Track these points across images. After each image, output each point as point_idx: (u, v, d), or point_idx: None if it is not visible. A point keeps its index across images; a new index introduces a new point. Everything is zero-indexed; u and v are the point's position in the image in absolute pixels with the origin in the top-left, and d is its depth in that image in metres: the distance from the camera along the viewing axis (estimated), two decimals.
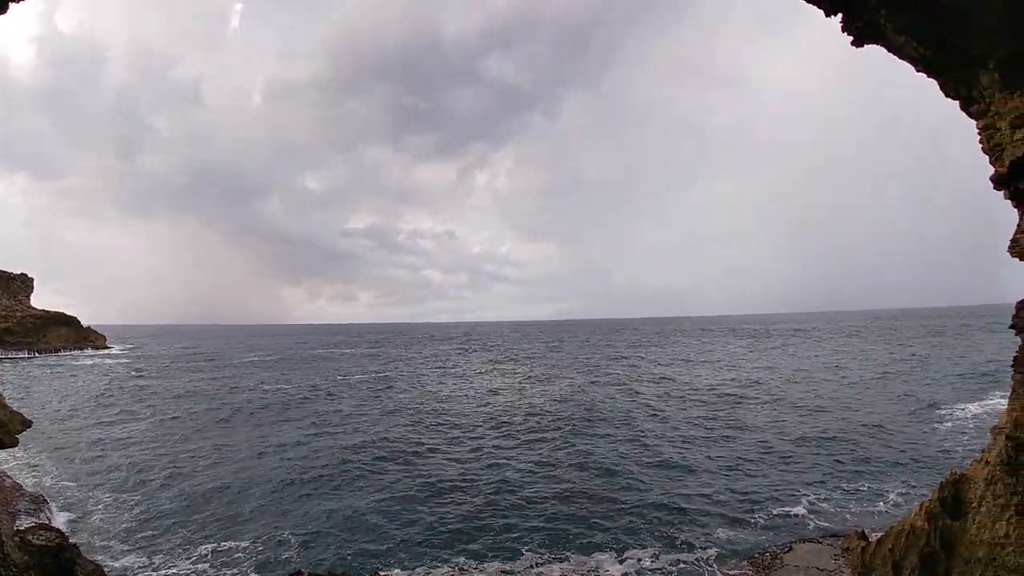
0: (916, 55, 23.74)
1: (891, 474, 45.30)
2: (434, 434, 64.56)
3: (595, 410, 74.19)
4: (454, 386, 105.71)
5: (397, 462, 52.33)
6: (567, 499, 41.89)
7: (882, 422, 63.71)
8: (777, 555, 30.71)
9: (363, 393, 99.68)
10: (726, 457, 50.99)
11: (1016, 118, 22.68)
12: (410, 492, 44.38)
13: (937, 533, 23.10)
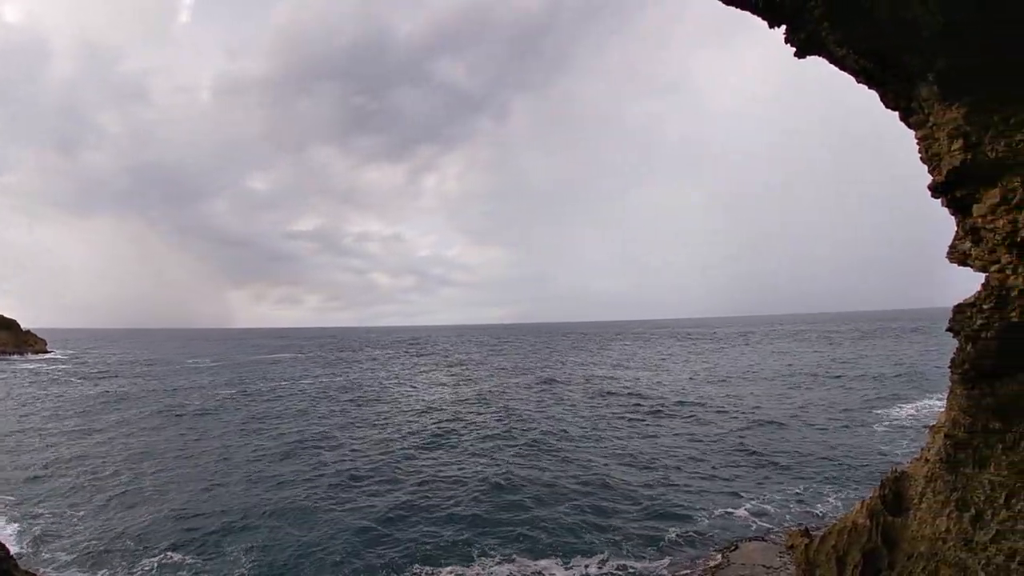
0: (857, 67, 24.09)
1: (830, 475, 45.79)
2: (378, 442, 63.36)
3: (536, 419, 73.02)
4: (396, 391, 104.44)
5: (344, 474, 51.03)
6: (512, 506, 41.23)
7: (821, 424, 64.78)
8: (724, 554, 30.78)
9: (306, 400, 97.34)
10: (667, 463, 50.62)
11: (953, 129, 23.13)
12: (357, 501, 43.56)
13: (879, 529, 23.30)
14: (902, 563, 21.36)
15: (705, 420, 69.11)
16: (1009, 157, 21.28)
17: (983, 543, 18.63)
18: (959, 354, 24.93)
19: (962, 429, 22.49)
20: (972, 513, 19.62)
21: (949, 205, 26.47)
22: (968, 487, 20.50)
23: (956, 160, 23.54)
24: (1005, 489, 19.02)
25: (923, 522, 21.68)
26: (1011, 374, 22.24)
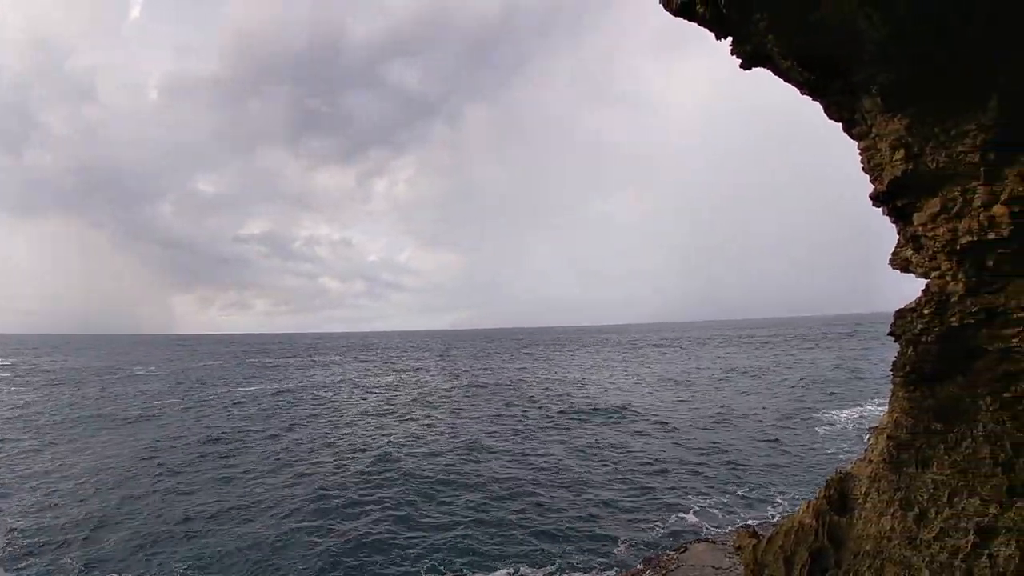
0: (801, 79, 24.32)
1: (776, 477, 46.18)
2: (323, 452, 62.23)
3: (485, 426, 72.23)
4: (337, 400, 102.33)
5: (291, 486, 49.85)
6: (458, 518, 40.34)
7: (766, 428, 65.44)
8: (673, 556, 30.65)
9: (249, 410, 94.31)
10: (614, 469, 50.74)
11: (895, 140, 23.48)
12: (303, 514, 42.65)
13: (825, 529, 23.42)
14: (848, 562, 21.48)
15: (653, 426, 69.01)
16: (950, 168, 21.69)
17: (927, 541, 18.80)
18: (900, 358, 25.28)
19: (904, 430, 22.76)
20: (916, 512, 19.79)
21: (890, 214, 26.92)
22: (912, 487, 20.70)
23: (898, 170, 23.93)
24: (948, 488, 19.23)
25: (868, 521, 21.84)
26: (951, 377, 22.59)
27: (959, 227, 22.37)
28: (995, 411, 19.81)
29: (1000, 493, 17.31)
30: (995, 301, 21.22)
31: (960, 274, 22.82)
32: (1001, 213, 20.17)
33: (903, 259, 25.54)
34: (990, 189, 20.69)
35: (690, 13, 22.70)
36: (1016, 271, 20.47)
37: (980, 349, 22.15)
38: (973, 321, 22.00)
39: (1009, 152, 19.21)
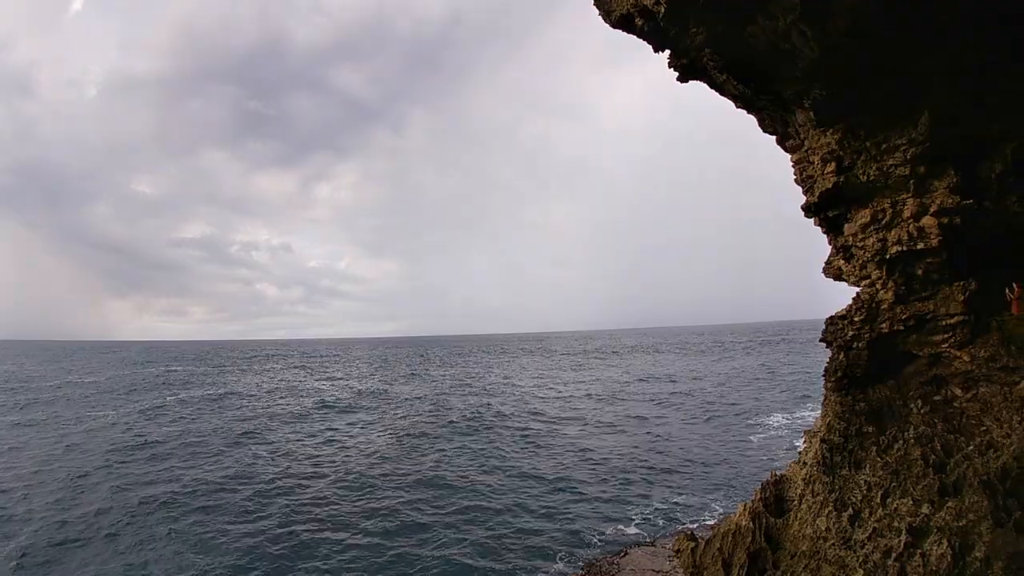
0: (736, 93, 24.47)
1: (713, 483, 45.83)
2: (251, 464, 59.19)
3: (419, 435, 68.42)
4: (272, 411, 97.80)
5: (221, 491, 47.60)
6: (394, 529, 38.62)
7: (701, 436, 65.06)
8: (614, 561, 30.41)
9: (184, 419, 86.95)
10: (549, 479, 48.04)
11: (827, 153, 23.81)
12: (228, 524, 40.83)
13: (762, 531, 23.42)
14: (786, 562, 21.52)
15: (588, 435, 67.31)
16: (880, 180, 22.09)
17: (861, 541, 18.90)
18: (832, 363, 25.60)
19: (837, 433, 23.00)
20: (850, 512, 19.91)
21: (821, 224, 27.38)
22: (845, 488, 20.85)
23: (829, 182, 24.30)
24: (880, 489, 19.41)
25: (804, 522, 21.94)
26: (882, 381, 22.94)
27: (889, 237, 22.86)
28: (926, 414, 20.16)
29: (932, 493, 17.54)
30: (924, 308, 21.67)
31: (889, 283, 23.27)
32: (930, 224, 20.64)
33: (836, 268, 25.99)
34: (920, 201, 21.14)
35: (629, 26, 22.61)
36: (944, 280, 20.98)
37: (910, 355, 22.59)
38: (903, 328, 22.44)
39: (939, 165, 19.74)
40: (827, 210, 25.50)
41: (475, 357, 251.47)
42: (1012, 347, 18.83)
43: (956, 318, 20.44)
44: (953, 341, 20.67)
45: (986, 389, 18.93)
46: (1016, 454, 15.14)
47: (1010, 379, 18.33)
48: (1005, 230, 19.06)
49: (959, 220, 19.28)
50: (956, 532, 15.68)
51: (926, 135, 19.04)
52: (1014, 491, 14.77)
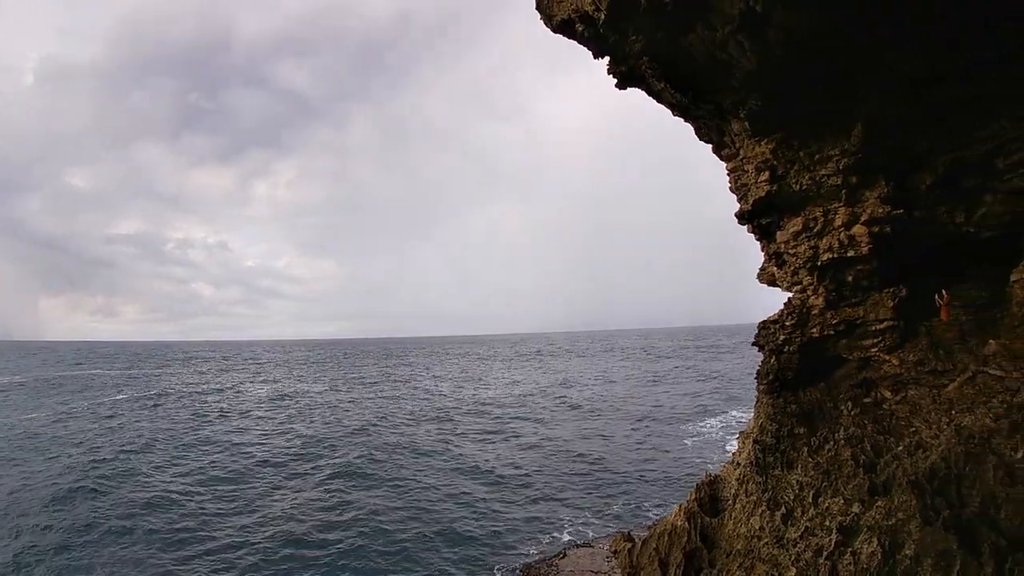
0: (673, 101, 24.51)
1: (647, 487, 45.59)
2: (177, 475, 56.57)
3: (351, 444, 66.05)
4: (204, 415, 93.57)
5: (133, 504, 45.72)
6: (322, 544, 36.18)
7: (635, 439, 64.77)
8: (552, 563, 30.21)
9: (110, 424, 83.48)
10: (486, 487, 46.94)
11: (761, 162, 24.09)
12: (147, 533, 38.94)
13: (697, 530, 23.50)
14: (721, 561, 21.61)
15: (525, 440, 65.53)
16: (812, 189, 22.45)
17: (793, 540, 19.06)
18: (764, 366, 25.88)
19: (769, 434, 23.25)
20: (783, 512, 20.08)
21: (755, 231, 27.83)
22: (778, 488, 21.06)
23: (762, 191, 24.62)
24: (812, 488, 19.65)
25: (738, 521, 22.10)
26: (813, 384, 23.31)
27: (820, 245, 23.27)
28: (856, 416, 20.53)
29: (862, 493, 17.82)
30: (854, 314, 22.11)
31: (820, 289, 23.67)
32: (861, 233, 21.09)
33: (769, 274, 26.37)
34: (851, 210, 21.56)
35: (570, 31, 22.40)
36: (874, 286, 21.44)
37: (840, 358, 23.03)
38: (833, 332, 22.86)
39: (870, 176, 20.19)
40: (760, 218, 25.84)
41: (412, 360, 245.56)
42: (940, 351, 19.38)
43: (885, 323, 20.93)
44: (882, 345, 21.17)
45: (915, 392, 19.40)
46: (944, 454, 15.45)
47: (939, 382, 18.83)
48: (935, 240, 19.59)
49: (889, 229, 19.70)
50: (886, 531, 15.87)
51: (859, 147, 19.40)
52: (942, 490, 15.05)
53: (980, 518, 13.43)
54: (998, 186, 17.68)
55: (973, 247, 19.32)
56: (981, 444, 14.66)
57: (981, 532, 13.08)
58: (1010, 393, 15.81)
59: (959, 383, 17.95)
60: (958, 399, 17.38)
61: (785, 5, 15.05)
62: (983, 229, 18.54)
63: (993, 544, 12.53)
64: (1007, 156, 16.97)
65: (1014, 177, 17.15)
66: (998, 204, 17.92)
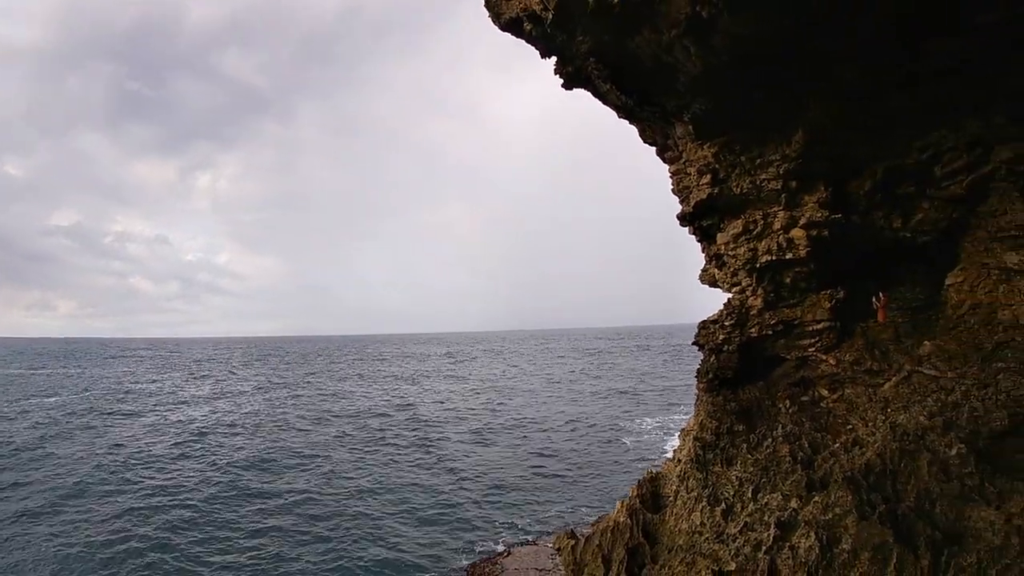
0: (619, 103, 24.60)
1: (588, 485, 45.48)
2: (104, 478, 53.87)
3: (276, 445, 64.36)
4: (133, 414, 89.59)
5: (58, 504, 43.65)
6: (254, 547, 35.10)
7: (575, 440, 64.33)
8: (496, 561, 30.00)
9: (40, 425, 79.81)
10: (424, 491, 44.38)
11: (703, 165, 24.36)
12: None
13: (640, 526, 23.61)
14: (664, 557, 21.70)
15: (464, 442, 63.67)
16: (753, 193, 22.81)
17: (733, 535, 19.25)
18: (704, 365, 26.19)
19: (709, 432, 23.52)
20: (723, 507, 20.28)
21: (696, 233, 28.21)
22: (718, 484, 21.27)
23: (703, 194, 24.91)
24: (751, 484, 19.91)
25: (679, 517, 22.25)
26: (752, 382, 23.68)
27: (759, 247, 23.69)
28: (794, 413, 20.92)
29: (800, 488, 18.12)
30: (792, 315, 22.55)
31: (759, 290, 24.09)
32: (799, 236, 21.52)
33: (710, 275, 26.74)
34: (790, 214, 21.99)
35: (518, 30, 22.17)
36: (812, 288, 21.91)
37: (778, 358, 23.45)
38: (771, 332, 23.26)
39: (810, 181, 20.63)
40: (701, 220, 26.15)
41: (356, 361, 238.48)
42: (876, 351, 19.88)
43: (822, 324, 21.40)
44: (819, 345, 21.65)
45: (851, 390, 19.86)
46: (879, 451, 15.80)
47: (874, 381, 19.31)
48: (872, 244, 20.10)
49: (827, 233, 20.12)
50: (823, 525, 16.11)
51: (799, 152, 19.74)
52: (878, 486, 15.37)
53: (916, 513, 13.73)
54: (935, 193, 18.24)
55: (910, 252, 19.90)
56: (916, 441, 15.02)
57: (917, 526, 13.37)
58: (944, 392, 16.27)
59: (895, 382, 18.43)
60: (893, 398, 17.83)
61: (731, 11, 15.08)
62: (920, 234, 19.11)
63: (929, 538, 12.82)
64: (945, 165, 17.51)
65: (951, 184, 17.70)
66: (935, 210, 18.48)
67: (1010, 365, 15.75)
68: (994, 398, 14.57)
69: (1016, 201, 17.01)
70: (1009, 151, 16.46)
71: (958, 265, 19.07)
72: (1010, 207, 17.20)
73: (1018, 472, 12.68)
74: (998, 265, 17.78)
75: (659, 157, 27.22)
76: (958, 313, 18.65)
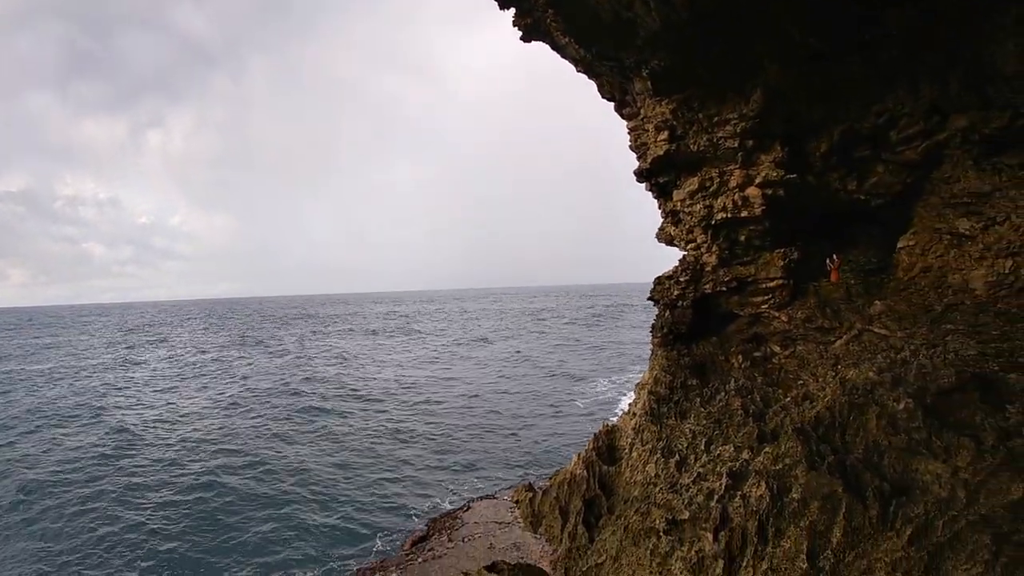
0: (577, 56, 24.20)
1: (543, 443, 45.67)
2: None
3: (241, 418, 62.38)
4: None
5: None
6: (208, 520, 34.45)
7: (527, 400, 63.95)
8: (456, 515, 30.27)
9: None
10: (380, 454, 46.08)
11: (661, 122, 24.20)
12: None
13: (596, 478, 24.01)
14: (620, 507, 22.17)
15: (412, 403, 63.22)
16: (710, 151, 22.75)
17: (687, 485, 19.78)
18: (659, 320, 26.42)
19: (664, 386, 23.88)
20: (677, 459, 20.70)
21: (652, 190, 28.23)
22: (672, 436, 21.67)
23: (660, 150, 24.82)
24: (704, 437, 20.33)
25: (635, 469, 22.70)
26: (706, 337, 24.02)
27: (715, 205, 23.78)
28: (746, 368, 21.31)
29: (751, 440, 18.53)
30: (746, 272, 22.82)
31: (714, 247, 24.25)
32: (755, 195, 21.66)
33: (667, 234, 26.80)
34: (746, 172, 22.02)
35: None
36: (766, 246, 22.15)
37: (732, 314, 23.76)
38: (725, 289, 23.52)
39: (766, 140, 20.73)
40: (658, 176, 26.09)
41: (308, 321, 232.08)
42: (828, 310, 20.29)
43: (775, 282, 21.72)
44: (772, 303, 22.00)
45: (803, 347, 20.28)
46: (829, 405, 16.17)
47: (825, 339, 19.73)
48: (827, 205, 20.37)
49: (782, 192, 20.29)
50: (774, 475, 16.48)
51: (757, 112, 19.68)
52: (827, 438, 15.78)
53: (864, 464, 14.14)
54: (890, 157, 18.49)
55: (864, 214, 20.24)
56: (865, 395, 15.41)
57: (865, 477, 13.78)
58: (894, 351, 16.69)
59: (845, 340, 18.86)
60: (844, 355, 18.25)
61: None
62: (874, 197, 19.38)
63: (877, 488, 13.23)
64: (901, 130, 17.70)
65: (906, 150, 17.93)
66: (889, 175, 18.74)
67: (959, 327, 16.22)
68: (942, 357, 15.00)
69: (970, 169, 17.31)
70: (965, 120, 16.68)
71: (910, 229, 19.44)
72: (963, 175, 17.51)
73: (964, 428, 13.10)
74: (950, 230, 18.16)
75: (617, 113, 26.97)
76: (909, 275, 19.10)
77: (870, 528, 12.61)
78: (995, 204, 16.82)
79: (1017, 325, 15.34)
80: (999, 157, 16.69)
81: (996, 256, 16.75)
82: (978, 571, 10.61)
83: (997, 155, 16.72)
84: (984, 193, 17.05)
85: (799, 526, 14.01)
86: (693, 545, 16.56)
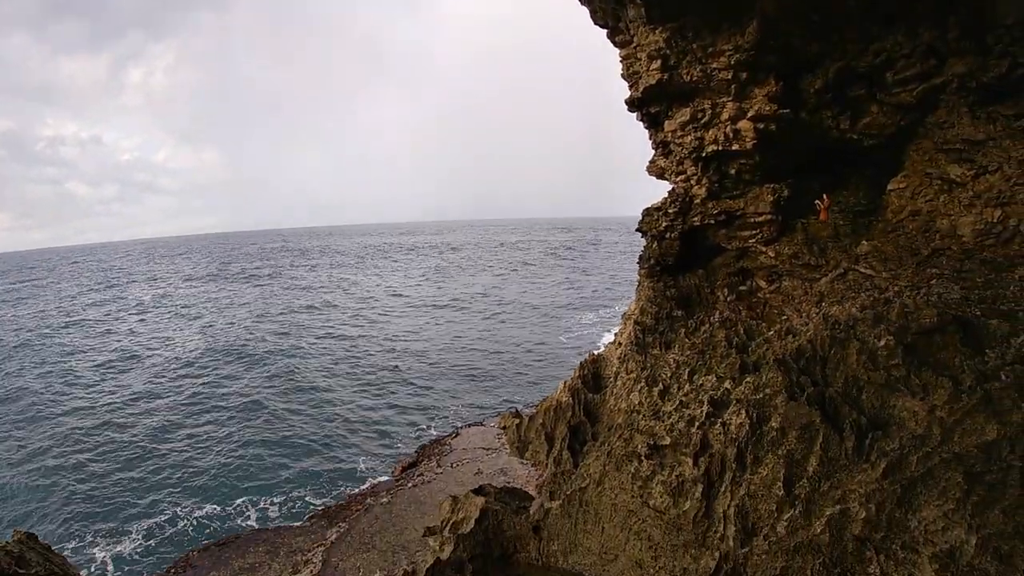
0: None
1: (528, 374, 46.51)
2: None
3: (214, 353, 62.58)
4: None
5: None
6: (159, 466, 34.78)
7: (514, 330, 64.49)
8: (445, 441, 31.04)
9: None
10: (369, 390, 46.55)
11: (654, 51, 23.73)
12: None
13: (581, 405, 24.59)
14: (604, 434, 22.80)
15: (395, 339, 65.10)
16: (703, 82, 22.40)
17: (669, 412, 20.34)
18: (646, 251, 26.55)
19: (649, 316, 24.22)
20: (660, 388, 21.15)
21: (643, 119, 27.94)
22: (656, 366, 22.09)
23: (653, 79, 24.41)
24: (688, 367, 20.72)
25: (619, 397, 23.26)
26: (692, 270, 24.22)
27: (706, 136, 23.58)
28: (731, 301, 21.59)
29: (733, 371, 18.92)
30: (735, 206, 22.80)
31: (704, 179, 24.18)
32: (747, 128, 21.46)
33: (658, 167, 26.62)
34: (739, 105, 21.74)
35: None
36: (756, 181, 22.11)
37: (719, 247, 23.88)
38: (713, 222, 23.57)
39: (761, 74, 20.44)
40: (649, 106, 25.75)
41: (292, 258, 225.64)
42: (815, 247, 20.43)
43: (764, 217, 21.75)
44: (760, 238, 22.10)
45: (788, 283, 20.51)
46: (811, 338, 16.53)
47: (811, 275, 19.94)
48: (818, 142, 20.26)
49: (774, 127, 20.12)
50: (754, 404, 16.90)
51: (752, 44, 19.34)
52: (807, 370, 16.16)
53: (843, 398, 14.56)
54: (885, 99, 18.32)
55: (855, 154, 20.17)
56: (846, 331, 15.72)
57: (843, 410, 14.22)
58: (878, 291, 16.93)
59: (830, 278, 19.06)
60: (828, 292, 18.49)
61: None
62: (866, 137, 19.23)
63: (855, 422, 13.67)
64: (897, 72, 17.46)
65: (902, 92, 17.73)
66: (883, 116, 18.55)
67: (944, 271, 16.43)
68: (926, 299, 15.27)
69: (965, 116, 17.18)
70: (963, 66, 16.46)
71: (901, 172, 19.38)
72: (958, 121, 17.39)
73: (943, 368, 13.44)
74: (941, 175, 18.15)
75: (610, 40, 26.30)
76: (897, 218, 19.16)
77: (845, 459, 13.04)
78: (988, 153, 16.79)
79: (1002, 273, 15.54)
80: (995, 106, 16.56)
81: (985, 204, 16.84)
82: (949, 507, 11.04)
83: (993, 104, 16.59)
84: (978, 141, 17.00)
85: (777, 454, 14.45)
86: (674, 470, 17.03)
